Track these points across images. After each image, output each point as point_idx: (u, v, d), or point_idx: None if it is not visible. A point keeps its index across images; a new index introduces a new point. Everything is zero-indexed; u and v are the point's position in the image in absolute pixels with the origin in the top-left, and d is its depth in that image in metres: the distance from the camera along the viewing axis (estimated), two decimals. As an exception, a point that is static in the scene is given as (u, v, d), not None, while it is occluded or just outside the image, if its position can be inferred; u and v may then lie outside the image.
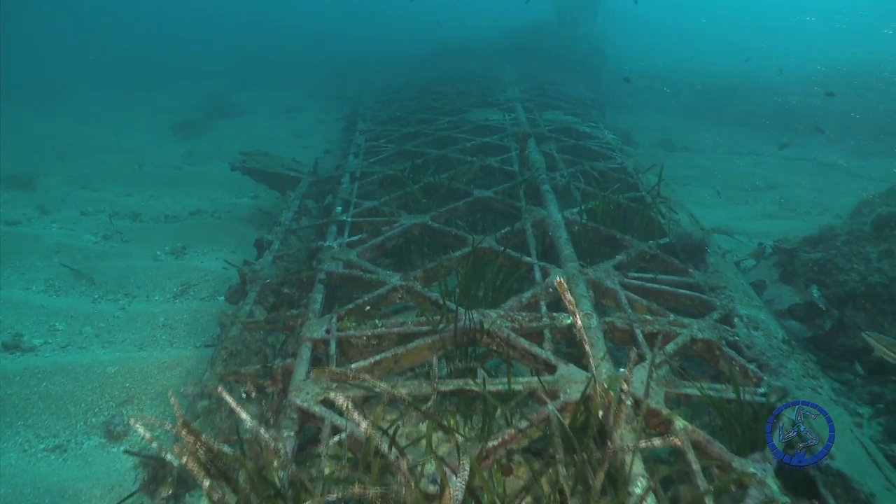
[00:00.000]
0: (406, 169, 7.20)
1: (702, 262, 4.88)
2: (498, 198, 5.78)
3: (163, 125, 16.34)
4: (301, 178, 7.79)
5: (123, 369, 4.53)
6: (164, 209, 9.15)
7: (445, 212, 5.57)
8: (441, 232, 5.17)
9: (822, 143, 15.49)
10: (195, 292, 6.26)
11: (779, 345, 3.84)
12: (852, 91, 18.05)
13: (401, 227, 5.28)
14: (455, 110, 10.68)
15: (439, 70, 17.23)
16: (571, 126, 9.21)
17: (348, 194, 6.52)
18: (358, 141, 9.19)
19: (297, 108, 18.84)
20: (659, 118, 18.98)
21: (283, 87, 22.90)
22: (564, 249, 4.62)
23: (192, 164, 12.54)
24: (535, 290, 4.03)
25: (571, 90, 14.18)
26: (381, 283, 4.33)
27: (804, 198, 10.49)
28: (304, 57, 28.16)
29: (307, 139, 14.51)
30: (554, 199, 5.65)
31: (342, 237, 5.36)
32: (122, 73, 24.22)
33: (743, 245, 7.61)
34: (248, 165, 7.94)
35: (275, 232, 5.92)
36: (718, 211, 9.46)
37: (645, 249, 4.78)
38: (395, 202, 6.20)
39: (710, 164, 12.48)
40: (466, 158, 7.21)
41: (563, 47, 19.28)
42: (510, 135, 8.41)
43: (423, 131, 9.11)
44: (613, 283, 4.14)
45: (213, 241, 7.69)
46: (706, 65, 23.26)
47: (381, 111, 11.87)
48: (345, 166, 7.72)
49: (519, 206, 5.57)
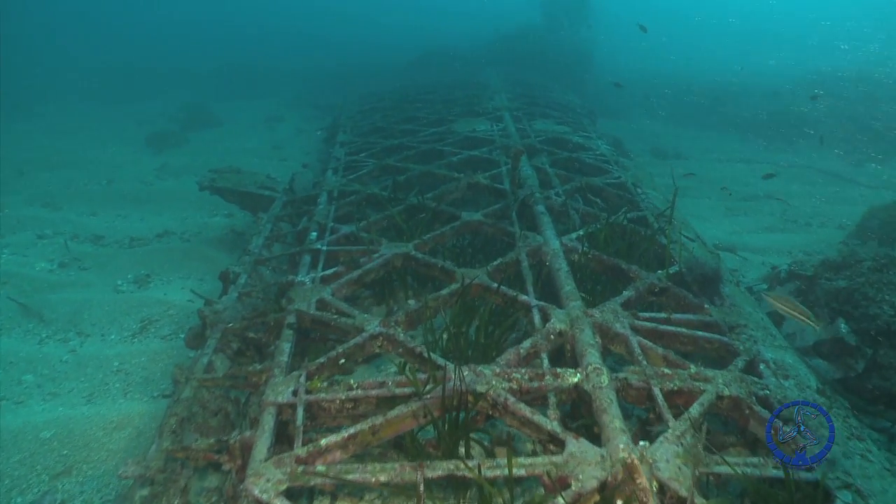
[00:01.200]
0: (388, 187, 6.66)
1: (716, 293, 4.39)
2: (488, 221, 5.26)
3: (138, 137, 15.64)
4: (275, 198, 7.23)
5: (62, 432, 3.94)
6: (129, 230, 8.52)
7: (431, 239, 5.03)
8: (426, 263, 4.63)
9: (813, 149, 15.19)
10: (156, 329, 5.66)
11: (813, 396, 3.36)
12: (839, 97, 17.82)
13: (381, 258, 4.74)
14: (440, 120, 10.17)
15: (424, 76, 16.75)
16: (563, 137, 8.73)
17: (324, 217, 5.96)
18: (337, 154, 8.64)
19: (277, 117, 18.23)
20: (647, 123, 18.64)
21: (263, 96, 22.30)
22: (565, 284, 4.10)
23: (164, 178, 11.91)
24: (534, 338, 3.51)
25: (560, 97, 13.74)
26: (358, 330, 3.79)
27: (804, 208, 10.09)
28: (286, 63, 27.54)
29: (286, 150, 13.93)
30: (550, 223, 5.14)
31: (315, 270, 4.81)
32: (102, 82, 23.47)
33: (748, 264, 7.16)
34: (217, 184, 7.35)
35: (242, 262, 5.36)
36: (718, 224, 9.02)
37: (654, 282, 4.28)
38: (375, 227, 5.66)
39: (704, 172, 12.06)
40: (453, 175, 6.69)
41: (550, 52, 18.86)
42: (499, 147, 7.91)
43: (406, 144, 8.58)
44: (623, 327, 3.63)
45: (180, 268, 7.09)
46: (694, 70, 22.98)
47: (362, 121, 11.33)
48: (322, 184, 7.18)
49: (512, 231, 5.06)
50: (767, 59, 23.84)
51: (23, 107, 18.69)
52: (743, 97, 19.16)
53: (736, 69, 17.16)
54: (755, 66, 21.83)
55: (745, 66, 18.14)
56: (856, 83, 17.93)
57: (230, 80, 24.23)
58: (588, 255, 4.64)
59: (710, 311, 4.07)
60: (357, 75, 20.42)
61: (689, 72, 22.14)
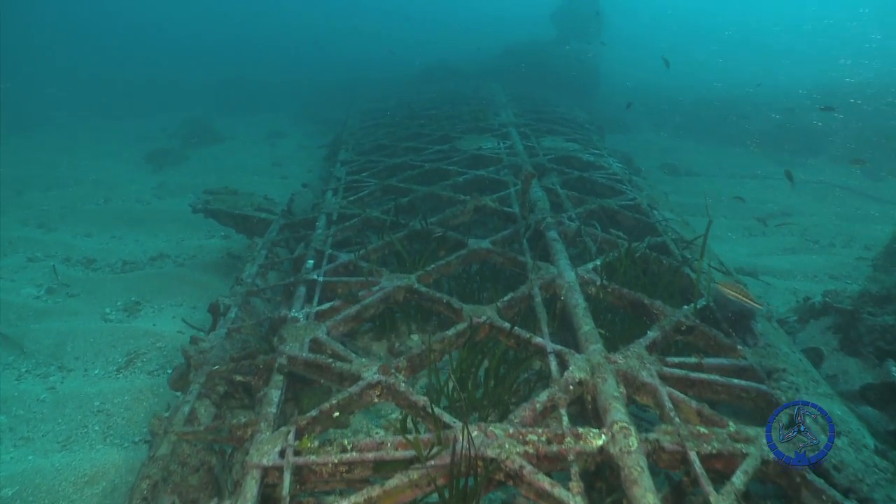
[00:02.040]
0: (389, 210, 6.32)
1: (749, 331, 3.99)
2: (497, 250, 4.89)
3: (137, 154, 15.43)
4: (272, 221, 6.90)
5: (27, 489, 3.56)
6: (123, 253, 8.20)
7: (435, 269, 4.67)
8: (430, 298, 4.26)
9: (828, 164, 14.82)
10: (143, 363, 5.30)
11: (872, 459, 2.95)
12: (853, 109, 17.45)
13: (381, 291, 4.38)
14: (445, 137, 9.85)
15: (428, 91, 16.48)
16: (573, 155, 8.38)
17: (322, 243, 5.62)
18: (338, 174, 8.31)
19: (279, 133, 18.00)
20: (655, 137, 18.32)
21: (266, 111, 22.13)
22: (583, 324, 3.72)
23: (162, 197, 11.62)
24: (552, 391, 3.12)
25: (567, 112, 13.42)
26: (354, 377, 3.41)
27: (825, 227, 9.69)
28: (290, 77, 27.46)
29: (287, 168, 13.64)
30: (564, 251, 4.77)
31: (311, 304, 4.44)
32: (103, 97, 23.37)
33: (773, 290, 6.76)
34: (211, 207, 7.02)
35: (233, 293, 5.01)
36: (736, 245, 8.63)
37: (681, 319, 3.89)
38: (375, 254, 5.31)
39: (718, 189, 11.69)
40: (458, 197, 6.34)
41: (557, 66, 18.58)
42: (507, 166, 7.57)
43: (409, 162, 8.25)
44: (651, 376, 3.24)
45: (172, 294, 6.75)
46: (702, 82, 22.68)
47: (364, 138, 11.02)
48: (321, 206, 6.85)
49: (522, 260, 4.68)
50: (776, 72, 23.51)
51: (23, 122, 18.55)
52: (754, 111, 18.82)
53: (754, 85, 16.77)
54: (765, 79, 21.50)
55: (758, 79, 17.76)
56: (869, 96, 17.55)
57: (233, 95, 24.11)
58: (607, 289, 4.26)
59: (744, 353, 3.68)
60: (361, 89, 20.21)
61: (696, 85, 21.82)
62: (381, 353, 4.70)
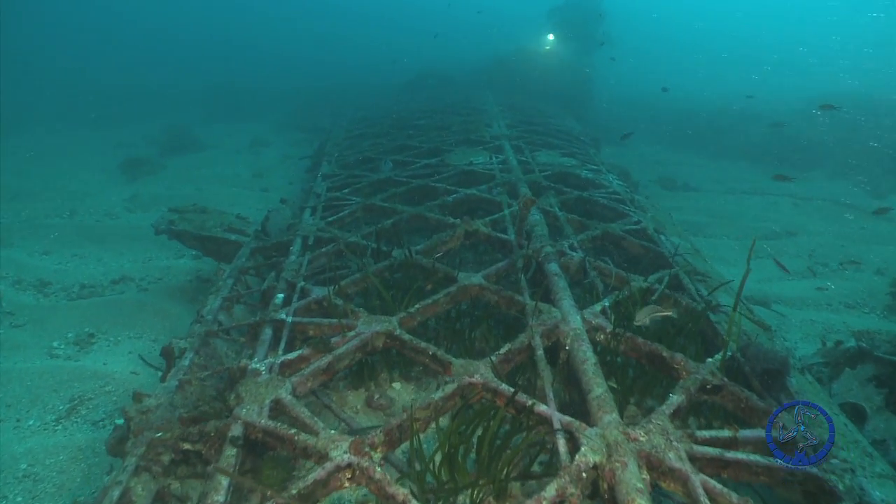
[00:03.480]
0: (371, 234, 5.73)
1: (783, 389, 3.44)
2: (491, 287, 4.31)
3: (113, 162, 14.71)
4: (243, 243, 6.28)
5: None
6: (82, 275, 7.54)
7: (420, 310, 4.07)
8: (414, 348, 3.67)
9: (826, 179, 14.44)
10: (88, 411, 4.66)
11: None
12: (850, 122, 17.15)
13: (358, 338, 3.78)
14: (434, 150, 9.29)
15: (416, 100, 15.96)
16: (571, 171, 7.85)
17: (295, 273, 5.02)
18: (318, 190, 7.73)
19: (262, 141, 17.36)
20: (649, 149, 17.89)
21: (251, 118, 21.50)
22: (594, 385, 3.15)
23: (133, 210, 10.95)
24: (560, 482, 2.54)
25: (561, 123, 12.94)
26: (321, 455, 2.81)
27: (831, 248, 9.22)
28: (277, 83, 26.88)
29: (268, 179, 13.01)
30: (566, 289, 4.20)
31: (276, 351, 3.84)
32: (86, 102, 22.61)
33: (788, 323, 6.24)
34: (176, 228, 6.39)
35: (191, 333, 4.39)
36: (742, 268, 8.09)
37: (707, 378, 3.33)
38: (353, 287, 4.71)
39: (719, 206, 11.22)
40: (447, 220, 5.76)
41: (550, 74, 18.13)
42: (501, 184, 7.01)
43: (395, 178, 7.68)
44: (679, 459, 2.67)
45: (131, 325, 6.10)
46: (696, 93, 22.35)
47: (349, 150, 10.45)
48: (298, 227, 6.25)
49: (520, 300, 4.11)
50: (773, 85, 23.24)
51: (4, 131, 17.74)
52: (748, 123, 18.48)
53: (744, 97, 16.41)
54: (757, 91, 21.19)
55: (750, 92, 17.40)
56: (865, 109, 17.24)
57: (219, 101, 23.48)
58: (619, 338, 3.69)
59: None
60: (349, 96, 19.68)
61: (691, 96, 21.47)
62: (358, 404, 4.10)
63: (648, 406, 3.85)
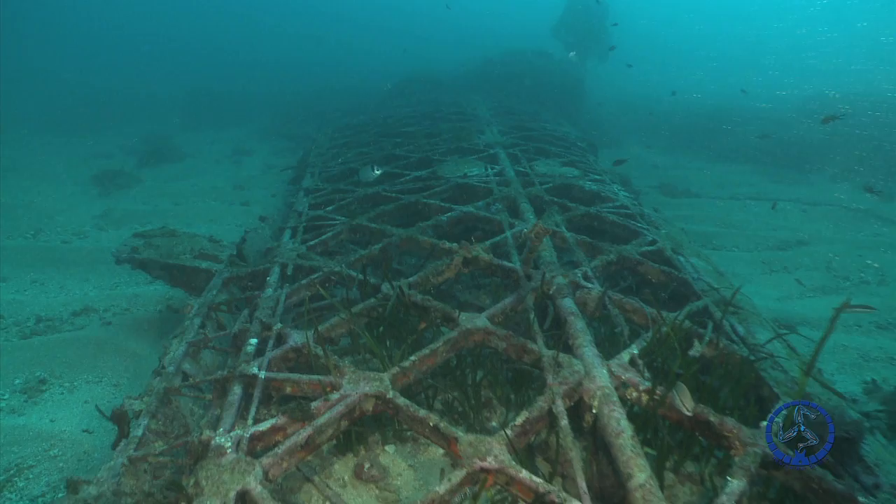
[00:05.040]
0: (357, 262, 5.11)
1: (858, 459, 2.86)
2: (498, 332, 3.69)
3: (87, 174, 13.97)
4: (215, 271, 5.63)
5: None
6: (40, 305, 6.84)
7: (416, 363, 3.45)
8: (411, 416, 3.05)
9: (829, 181, 13.99)
10: (26, 484, 3.98)
11: None
12: (853, 123, 16.74)
13: (343, 402, 3.15)
14: (424, 161, 8.68)
15: (405, 105, 15.31)
16: (573, 182, 7.27)
17: (271, 311, 4.39)
18: (300, 207, 7.10)
19: (245, 150, 16.68)
20: (646, 153, 17.38)
21: (234, 124, 20.81)
22: (636, 470, 2.54)
23: (103, 228, 10.24)
24: None
25: (556, 127, 12.35)
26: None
27: (848, 258, 8.70)
28: (261, 88, 26.17)
29: (250, 191, 12.33)
30: (586, 331, 3.60)
31: (246, 421, 3.20)
32: (63, 109, 21.73)
33: (819, 349, 5.66)
34: (139, 256, 5.72)
35: (149, 391, 3.74)
36: (759, 285, 7.56)
37: (768, 451, 2.74)
38: (337, 330, 4.09)
39: (725, 214, 10.69)
40: (443, 244, 5.15)
41: (541, 76, 17.56)
42: (499, 199, 6.41)
43: (383, 193, 7.06)
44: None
45: (90, 367, 5.43)
46: (691, 94, 21.91)
47: (333, 160, 9.82)
48: (276, 252, 5.61)
49: (534, 348, 3.50)
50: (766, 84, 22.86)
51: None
52: (745, 124, 18.05)
53: (739, 92, 15.96)
54: (754, 90, 20.77)
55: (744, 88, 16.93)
56: (867, 107, 16.84)
57: (201, 107, 22.76)
58: (654, 396, 3.09)
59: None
60: (335, 101, 19.04)
61: (686, 97, 21.01)
62: (346, 475, 3.47)
63: (687, 471, 3.27)
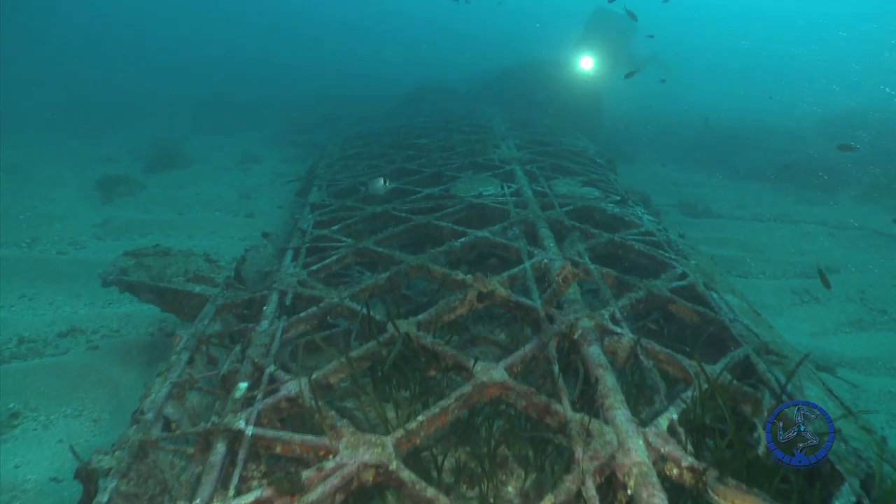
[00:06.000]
0: (361, 294, 4.70)
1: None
2: (517, 388, 3.25)
3: (91, 179, 13.68)
4: (209, 296, 5.23)
5: None
6: (25, 324, 6.47)
7: (424, 424, 3.02)
8: (417, 496, 2.61)
9: (854, 202, 13.46)
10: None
11: None
12: (870, 140, 16.18)
13: (338, 473, 2.73)
14: (436, 176, 8.30)
15: (417, 115, 14.95)
16: (594, 205, 6.83)
17: (264, 350, 3.97)
18: (304, 225, 6.72)
19: (254, 157, 16.36)
20: (663, 169, 16.89)
21: (245, 130, 20.52)
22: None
23: (102, 237, 9.91)
24: None
25: (574, 143, 11.92)
26: None
27: (882, 287, 8.19)
28: (275, 93, 25.92)
29: (256, 202, 11.98)
30: (618, 390, 3.15)
31: (227, 492, 2.78)
32: (75, 110, 21.52)
33: (865, 394, 5.18)
34: (128, 278, 5.34)
35: (122, 443, 3.34)
36: (790, 317, 7.08)
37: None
38: (335, 376, 3.67)
39: (749, 237, 10.20)
40: (456, 277, 4.72)
41: (558, 89, 17.12)
42: (516, 222, 5.98)
43: (393, 212, 6.66)
44: None
45: (70, 398, 5.04)
46: (708, 109, 21.40)
47: (342, 172, 9.46)
48: (276, 277, 5.22)
49: (559, 410, 3.06)
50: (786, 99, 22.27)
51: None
52: (766, 140, 17.54)
53: (766, 99, 15.41)
54: (775, 105, 20.24)
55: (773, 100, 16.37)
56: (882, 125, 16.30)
57: (213, 110, 22.53)
58: (700, 474, 2.65)
59: None
60: (347, 109, 18.72)
61: (703, 111, 20.51)
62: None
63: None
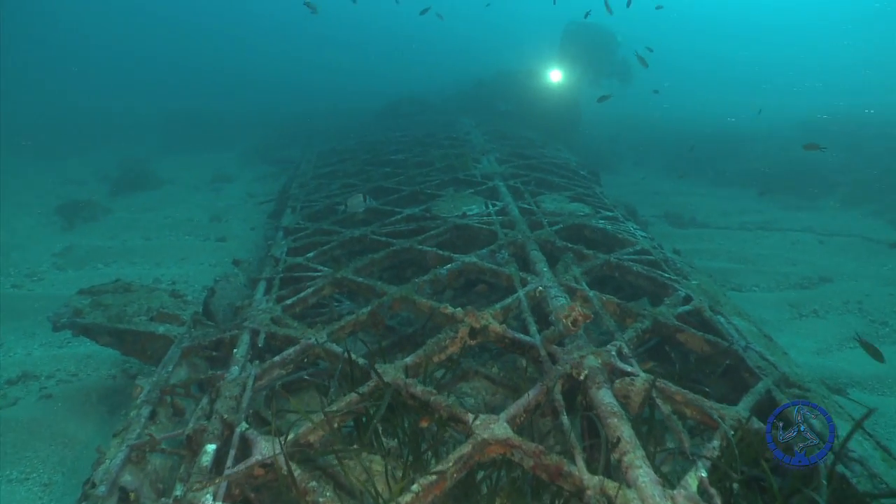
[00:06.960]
0: (343, 329, 4.28)
1: None
2: (524, 446, 2.85)
3: (54, 203, 13.02)
4: (174, 337, 4.75)
5: None
6: (-27, 370, 5.90)
7: (420, 498, 2.60)
8: None
9: (840, 208, 13.39)
10: None
11: None
12: (858, 145, 16.26)
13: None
14: (416, 195, 7.92)
15: (394, 129, 14.58)
16: (585, 223, 6.49)
17: (235, 404, 3.52)
18: (277, 252, 6.27)
19: (225, 176, 15.81)
20: (644, 178, 16.71)
21: (215, 148, 19.90)
22: None
23: (63, 268, 9.30)
24: None
25: (556, 154, 11.67)
26: None
27: (879, 298, 7.97)
28: (247, 109, 25.32)
29: (227, 224, 11.45)
30: (638, 445, 2.77)
31: None
32: (37, 130, 20.61)
33: (883, 418, 4.88)
34: (83, 321, 4.83)
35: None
36: (791, 333, 6.80)
37: None
38: (315, 435, 3.23)
39: (738, 247, 9.98)
40: (444, 310, 4.30)
41: (534, 98, 16.89)
42: (505, 245, 5.60)
43: (372, 236, 6.25)
44: None
45: (17, 458, 4.50)
46: (688, 116, 21.42)
47: (317, 192, 9.05)
48: (247, 313, 4.78)
49: (573, 472, 2.66)
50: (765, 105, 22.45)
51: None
52: (746, 146, 17.53)
53: (754, 114, 15.35)
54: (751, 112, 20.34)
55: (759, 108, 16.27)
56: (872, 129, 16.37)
57: (183, 128, 21.87)
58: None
59: None
60: (321, 125, 18.26)
61: (683, 119, 20.50)
62: None
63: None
